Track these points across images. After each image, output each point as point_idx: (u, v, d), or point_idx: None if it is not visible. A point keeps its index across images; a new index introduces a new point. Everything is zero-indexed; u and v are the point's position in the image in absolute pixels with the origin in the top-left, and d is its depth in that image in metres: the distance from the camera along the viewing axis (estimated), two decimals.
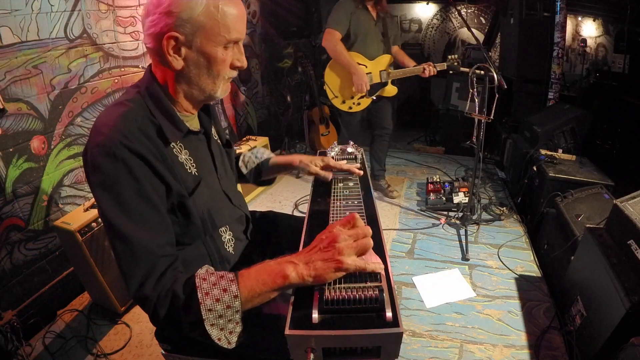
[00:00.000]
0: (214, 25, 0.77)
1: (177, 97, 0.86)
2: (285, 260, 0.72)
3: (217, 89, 0.86)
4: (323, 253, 0.70)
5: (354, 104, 2.67)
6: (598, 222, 1.76)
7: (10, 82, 1.56)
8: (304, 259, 0.71)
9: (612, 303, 1.30)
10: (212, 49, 0.79)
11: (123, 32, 2.08)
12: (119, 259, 0.72)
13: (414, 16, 5.09)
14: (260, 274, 0.72)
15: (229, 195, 1.01)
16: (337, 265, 0.68)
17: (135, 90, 0.84)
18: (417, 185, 3.22)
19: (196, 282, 0.71)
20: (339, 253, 0.69)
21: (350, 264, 0.68)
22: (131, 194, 0.73)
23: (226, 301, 0.69)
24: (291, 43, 4.05)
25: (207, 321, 0.69)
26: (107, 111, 0.79)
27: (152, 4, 0.76)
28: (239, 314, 0.71)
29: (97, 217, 1.67)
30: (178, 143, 0.86)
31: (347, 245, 0.70)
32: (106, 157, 0.71)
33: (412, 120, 4.84)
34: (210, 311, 0.69)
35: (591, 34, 4.24)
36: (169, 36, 0.75)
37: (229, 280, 0.71)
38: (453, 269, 2.11)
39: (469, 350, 1.61)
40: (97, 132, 0.74)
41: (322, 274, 0.68)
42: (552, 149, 2.64)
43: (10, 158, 1.61)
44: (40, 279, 1.78)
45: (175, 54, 0.78)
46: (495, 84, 2.02)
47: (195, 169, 0.89)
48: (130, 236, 0.71)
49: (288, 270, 0.69)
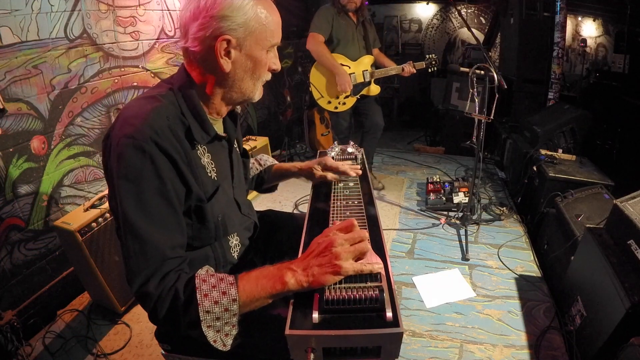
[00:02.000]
0: (262, 30, 0.80)
1: (213, 99, 0.87)
2: (285, 267, 0.72)
3: (255, 91, 0.88)
4: (320, 258, 0.71)
5: (340, 104, 2.77)
6: (598, 222, 1.76)
7: (10, 82, 1.56)
8: (302, 265, 0.71)
9: (612, 303, 1.30)
10: (259, 53, 0.82)
11: (123, 32, 2.08)
12: (127, 255, 0.72)
13: (414, 16, 5.10)
14: (260, 279, 0.72)
15: (239, 204, 1.01)
16: (335, 269, 0.69)
17: (167, 86, 0.84)
18: (417, 185, 3.22)
19: (196, 283, 0.71)
20: (336, 258, 0.70)
21: (348, 268, 0.69)
22: (153, 192, 0.73)
23: (224, 304, 0.70)
24: (291, 43, 4.05)
25: (204, 322, 0.69)
26: (138, 102, 0.79)
27: (199, 8, 0.76)
28: (236, 318, 0.71)
29: (97, 217, 1.66)
30: (202, 146, 0.86)
31: (344, 250, 0.71)
32: (135, 150, 0.71)
33: (412, 120, 4.85)
34: (208, 313, 0.69)
35: (591, 34, 4.25)
36: (222, 39, 0.77)
37: (229, 283, 0.71)
38: (453, 269, 2.11)
39: (469, 350, 1.61)
40: (127, 123, 0.73)
41: (320, 279, 0.69)
42: (552, 149, 2.65)
43: (10, 158, 1.61)
44: (40, 279, 1.78)
45: (225, 56, 0.79)
46: (495, 84, 2.02)
47: (215, 174, 0.89)
48: (144, 234, 0.71)
49: (287, 277, 0.70)
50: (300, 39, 4.09)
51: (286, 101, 3.91)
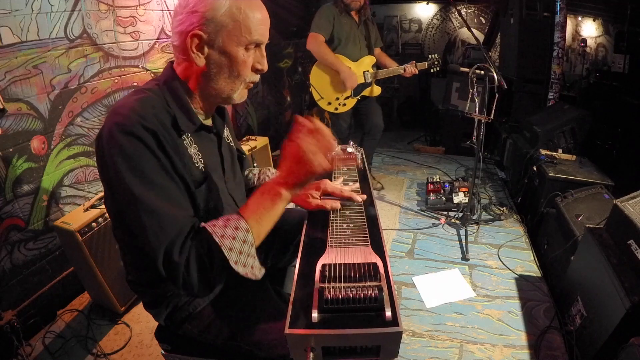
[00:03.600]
0: (236, 25, 0.79)
1: (196, 94, 0.88)
2: (271, 182, 0.83)
3: (235, 91, 0.87)
4: (295, 162, 0.80)
5: (340, 105, 2.74)
6: (598, 222, 1.76)
7: (10, 82, 1.56)
8: (284, 173, 0.82)
9: (612, 303, 1.29)
10: (233, 49, 0.81)
11: (123, 32, 2.08)
12: (145, 233, 0.73)
13: (414, 16, 5.09)
14: (259, 201, 0.81)
15: (236, 200, 1.01)
16: (311, 165, 0.78)
17: (154, 82, 0.87)
18: (417, 185, 3.22)
19: (209, 230, 0.75)
20: (311, 154, 0.78)
21: (321, 160, 0.78)
22: (153, 168, 0.75)
23: (241, 237, 0.76)
24: (291, 43, 4.05)
25: (231, 260, 0.73)
26: (126, 97, 0.81)
27: (179, 4, 0.80)
28: (254, 247, 0.78)
29: (97, 217, 1.67)
30: (189, 136, 0.87)
31: (312, 149, 0.78)
32: (125, 135, 0.72)
33: (412, 120, 4.84)
34: (231, 250, 0.74)
35: (591, 34, 4.24)
36: (192, 34, 0.78)
37: (236, 219, 0.78)
38: (453, 269, 2.11)
39: (469, 350, 1.61)
40: (115, 113, 0.76)
41: (303, 178, 0.81)
42: (552, 149, 2.65)
43: (10, 158, 1.61)
44: (40, 279, 1.78)
45: (198, 51, 0.80)
46: (495, 84, 2.02)
47: (203, 165, 0.89)
48: (157, 208, 0.73)
49: (278, 187, 0.81)
50: (300, 39, 4.09)
51: (286, 101, 3.91)
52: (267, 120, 3.91)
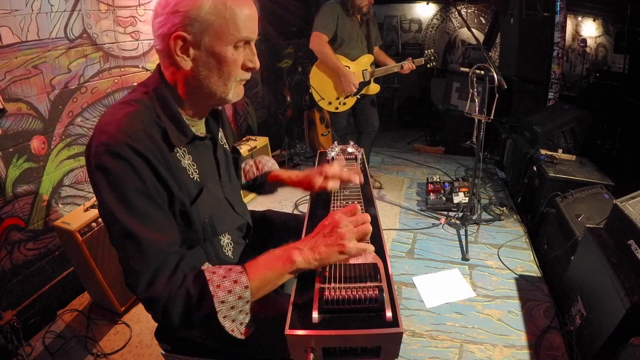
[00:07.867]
0: (223, 23, 0.74)
1: (187, 100, 0.83)
2: (291, 247, 0.77)
3: (228, 91, 0.82)
4: (326, 238, 0.75)
5: (340, 104, 2.76)
6: (598, 222, 1.76)
7: (10, 82, 1.56)
8: (309, 245, 0.75)
9: (612, 303, 1.29)
10: (221, 49, 0.76)
11: (123, 32, 2.08)
12: (127, 258, 0.71)
13: (414, 16, 5.10)
14: (269, 262, 0.76)
15: (232, 203, 1.00)
16: (340, 248, 0.73)
17: (142, 90, 0.82)
18: (417, 185, 3.22)
19: (206, 276, 0.73)
20: (341, 238, 0.74)
21: (352, 247, 0.73)
22: (137, 194, 0.72)
23: (238, 292, 0.72)
24: (291, 43, 4.05)
25: (220, 313, 0.71)
26: (113, 109, 0.77)
27: (159, 5, 0.75)
28: (249, 305, 0.75)
29: (97, 217, 1.66)
30: (182, 148, 0.84)
31: (349, 231, 0.75)
32: (110, 157, 0.70)
33: (412, 120, 4.84)
34: (223, 303, 0.71)
35: (591, 34, 4.24)
36: (176, 36, 0.73)
37: (238, 272, 0.74)
38: (453, 269, 2.11)
39: (469, 350, 1.61)
40: (102, 131, 0.72)
41: (326, 257, 0.73)
42: (552, 149, 2.65)
43: (10, 158, 1.61)
44: (40, 279, 1.78)
45: (183, 54, 0.76)
46: (495, 84, 2.02)
47: (198, 175, 0.87)
48: (139, 234, 0.70)
49: (294, 255, 0.74)
50: (300, 39, 4.09)
51: (286, 101, 3.91)
52: (267, 120, 3.91)
